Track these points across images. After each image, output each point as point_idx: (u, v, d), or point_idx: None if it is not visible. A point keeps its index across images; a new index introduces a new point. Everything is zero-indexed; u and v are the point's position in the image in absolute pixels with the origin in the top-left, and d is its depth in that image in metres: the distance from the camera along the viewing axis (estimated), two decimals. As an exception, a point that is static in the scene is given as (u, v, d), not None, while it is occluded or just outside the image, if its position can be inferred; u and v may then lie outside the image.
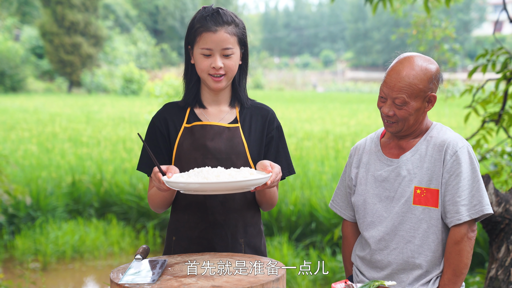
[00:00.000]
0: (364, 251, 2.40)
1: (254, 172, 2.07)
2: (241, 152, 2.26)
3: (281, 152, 2.36)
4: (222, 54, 2.20)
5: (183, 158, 2.26)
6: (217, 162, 2.23)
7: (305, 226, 6.72)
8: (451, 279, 2.25)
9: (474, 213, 2.22)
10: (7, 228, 7.18)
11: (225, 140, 2.26)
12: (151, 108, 13.33)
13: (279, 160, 2.34)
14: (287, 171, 2.36)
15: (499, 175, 4.65)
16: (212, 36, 2.18)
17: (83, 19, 33.53)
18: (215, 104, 2.33)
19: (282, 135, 2.38)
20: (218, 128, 2.27)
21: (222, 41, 2.19)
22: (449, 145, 2.25)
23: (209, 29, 2.18)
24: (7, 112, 18.31)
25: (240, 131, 2.29)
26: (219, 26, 2.19)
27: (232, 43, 2.21)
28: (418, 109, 2.24)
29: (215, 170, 2.07)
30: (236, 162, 2.25)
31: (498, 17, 4.61)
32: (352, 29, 55.06)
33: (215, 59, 2.20)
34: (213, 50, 2.20)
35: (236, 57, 2.24)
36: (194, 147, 2.26)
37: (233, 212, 2.28)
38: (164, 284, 1.82)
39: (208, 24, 2.19)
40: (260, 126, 2.33)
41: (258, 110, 2.36)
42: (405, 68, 2.21)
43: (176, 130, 2.30)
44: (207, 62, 2.21)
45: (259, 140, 2.32)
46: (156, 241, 7.19)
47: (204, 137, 2.26)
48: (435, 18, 8.51)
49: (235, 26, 2.23)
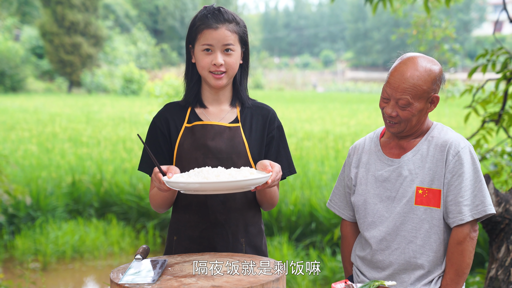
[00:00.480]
0: (364, 251, 2.40)
1: (254, 172, 2.07)
2: (242, 151, 2.26)
3: (282, 151, 2.36)
4: (222, 50, 2.21)
5: (184, 158, 2.27)
6: (217, 161, 2.24)
7: (305, 226, 6.72)
8: (454, 279, 2.25)
9: (477, 213, 2.22)
10: (7, 228, 7.18)
11: (226, 140, 2.26)
12: (151, 108, 13.32)
13: (280, 160, 2.35)
14: (287, 170, 2.36)
15: (499, 175, 4.65)
16: (213, 33, 2.20)
17: (83, 19, 33.53)
18: (216, 104, 2.33)
19: (283, 134, 2.38)
20: (218, 127, 2.28)
21: (223, 38, 2.20)
22: (451, 145, 2.25)
23: (210, 26, 2.20)
24: (7, 112, 18.31)
25: (241, 131, 2.29)
26: (220, 23, 2.20)
27: (233, 40, 2.22)
28: (421, 110, 2.24)
29: (215, 170, 2.07)
30: (237, 161, 2.25)
31: (498, 17, 4.61)
32: (352, 29, 55.05)
33: (216, 56, 2.21)
34: (214, 47, 2.21)
35: (237, 54, 2.25)
36: (195, 146, 2.26)
37: (234, 211, 2.28)
38: (164, 284, 1.82)
39: (209, 22, 2.20)
40: (260, 126, 2.33)
41: (259, 110, 2.36)
42: (409, 69, 2.21)
43: (177, 130, 2.30)
44: (208, 59, 2.22)
45: (259, 139, 2.32)
46: (156, 241, 7.19)
47: (205, 137, 2.26)
48: (435, 18, 8.51)
49: (236, 24, 2.24)
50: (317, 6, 70.48)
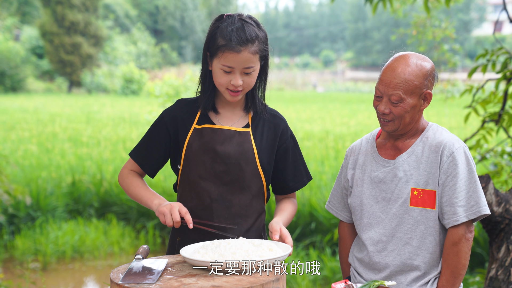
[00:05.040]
0: (362, 252, 2.39)
1: (273, 246, 2.02)
2: (250, 158, 2.26)
3: (298, 160, 2.40)
4: (242, 72, 2.19)
5: (192, 160, 2.26)
6: (225, 166, 2.24)
7: (305, 226, 6.73)
8: (450, 280, 2.24)
9: (472, 214, 2.21)
10: (7, 228, 7.18)
11: (235, 145, 2.25)
12: (151, 108, 13.32)
13: (298, 168, 2.39)
14: (306, 178, 2.42)
15: (499, 175, 4.65)
16: (235, 57, 2.15)
17: (83, 19, 33.54)
18: (229, 107, 2.33)
19: (296, 142, 2.41)
20: (228, 132, 2.27)
21: (244, 62, 2.16)
22: (446, 146, 2.25)
23: (232, 49, 2.14)
24: (7, 112, 18.31)
25: (250, 136, 2.28)
26: (243, 46, 2.14)
27: (254, 62, 2.19)
28: (414, 106, 2.24)
29: (231, 244, 2.00)
30: (245, 168, 2.25)
31: (498, 17, 4.61)
32: (352, 29, 55.06)
33: (236, 77, 2.18)
34: (234, 69, 2.17)
35: (255, 73, 2.23)
36: (203, 150, 2.25)
37: (239, 217, 2.28)
38: (164, 284, 1.82)
39: (232, 44, 2.14)
40: (272, 134, 2.33)
41: (271, 118, 2.35)
42: (400, 65, 2.22)
43: (186, 130, 2.29)
44: (226, 78, 2.19)
45: (270, 148, 2.32)
46: (156, 241, 7.19)
47: (214, 141, 2.25)
48: (435, 18, 8.51)
49: (259, 43, 2.19)
50: (317, 6, 70.50)
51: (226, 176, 2.25)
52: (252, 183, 2.27)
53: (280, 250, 2.02)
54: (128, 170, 2.36)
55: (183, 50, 45.71)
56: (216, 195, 2.25)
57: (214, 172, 2.24)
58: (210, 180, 2.25)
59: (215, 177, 2.25)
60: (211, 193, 2.25)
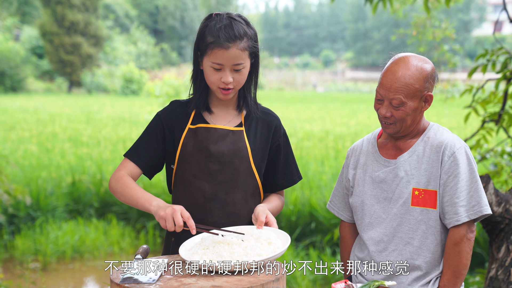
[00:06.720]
0: (363, 252, 2.39)
1: (272, 238, 2.04)
2: (244, 156, 2.27)
3: (290, 159, 2.41)
4: (232, 69, 2.20)
5: (186, 159, 2.27)
6: (219, 165, 2.25)
7: (305, 226, 6.72)
8: (451, 280, 2.24)
9: (473, 214, 2.22)
10: (7, 228, 7.18)
11: (229, 144, 2.26)
12: (151, 108, 13.32)
13: (289, 167, 2.40)
14: (296, 177, 2.42)
15: (499, 175, 4.65)
16: (224, 53, 2.16)
17: (83, 19, 33.53)
18: (222, 107, 2.34)
19: (288, 141, 2.42)
20: (222, 131, 2.28)
21: (233, 58, 2.17)
22: (447, 146, 2.25)
23: (221, 46, 2.15)
24: (7, 112, 18.31)
25: (244, 135, 2.29)
26: (231, 42, 2.16)
27: (243, 59, 2.20)
28: (415, 109, 2.24)
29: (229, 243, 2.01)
30: (239, 166, 2.26)
31: (498, 17, 4.61)
32: (352, 29, 55.05)
33: (226, 74, 2.19)
34: (224, 66, 2.18)
35: (246, 70, 2.24)
36: (197, 149, 2.26)
37: (233, 216, 2.28)
38: (164, 284, 1.82)
39: (220, 40, 2.15)
40: (265, 132, 2.34)
41: (264, 116, 2.37)
42: (400, 69, 2.21)
43: (181, 130, 2.30)
44: (217, 76, 2.20)
45: (263, 146, 2.33)
46: (156, 241, 7.19)
47: (207, 140, 2.26)
48: (435, 18, 8.51)
49: (248, 39, 2.20)
50: (317, 6, 70.47)
51: (220, 175, 2.25)
52: (246, 181, 2.28)
53: (279, 241, 2.03)
54: (122, 172, 2.29)
55: (183, 50, 45.70)
56: (211, 194, 2.26)
57: (208, 171, 2.25)
58: (204, 179, 2.26)
59: (209, 176, 2.25)
60: (205, 192, 2.26)
